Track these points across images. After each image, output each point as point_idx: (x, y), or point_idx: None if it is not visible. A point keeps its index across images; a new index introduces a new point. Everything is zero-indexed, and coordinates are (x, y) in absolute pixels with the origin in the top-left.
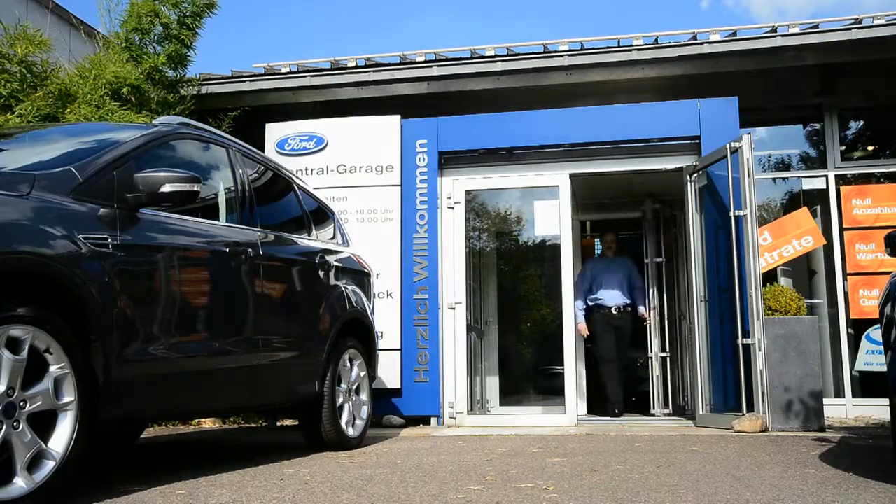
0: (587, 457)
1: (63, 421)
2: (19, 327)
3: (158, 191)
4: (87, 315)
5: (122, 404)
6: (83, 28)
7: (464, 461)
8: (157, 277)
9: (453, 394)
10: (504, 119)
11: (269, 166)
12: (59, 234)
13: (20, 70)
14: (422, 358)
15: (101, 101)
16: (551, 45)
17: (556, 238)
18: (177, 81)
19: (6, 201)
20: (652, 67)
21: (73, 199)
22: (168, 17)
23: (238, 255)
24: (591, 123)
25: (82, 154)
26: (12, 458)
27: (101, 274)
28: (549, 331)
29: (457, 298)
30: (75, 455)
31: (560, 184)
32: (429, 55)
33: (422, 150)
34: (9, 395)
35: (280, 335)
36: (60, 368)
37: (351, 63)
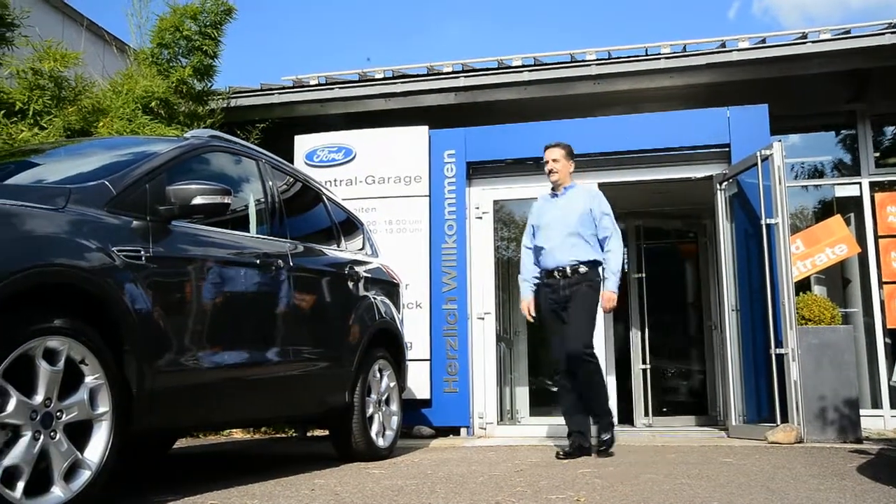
0: (617, 467)
1: (98, 431)
2: (56, 338)
3: (190, 203)
4: (121, 326)
5: (155, 415)
6: (115, 44)
7: (494, 472)
8: (189, 289)
9: (483, 404)
10: (532, 129)
11: (299, 178)
12: (93, 246)
13: (52, 86)
14: (451, 368)
15: (132, 114)
16: (578, 55)
17: None
18: (204, 93)
19: (43, 215)
20: (680, 75)
21: (107, 212)
22: (189, 29)
23: (268, 266)
24: (620, 132)
25: (116, 168)
26: (50, 467)
27: (135, 286)
28: None
29: (486, 308)
30: (110, 465)
31: None
32: (456, 66)
33: (450, 160)
34: (46, 406)
35: (310, 346)
36: (95, 379)
37: (379, 74)
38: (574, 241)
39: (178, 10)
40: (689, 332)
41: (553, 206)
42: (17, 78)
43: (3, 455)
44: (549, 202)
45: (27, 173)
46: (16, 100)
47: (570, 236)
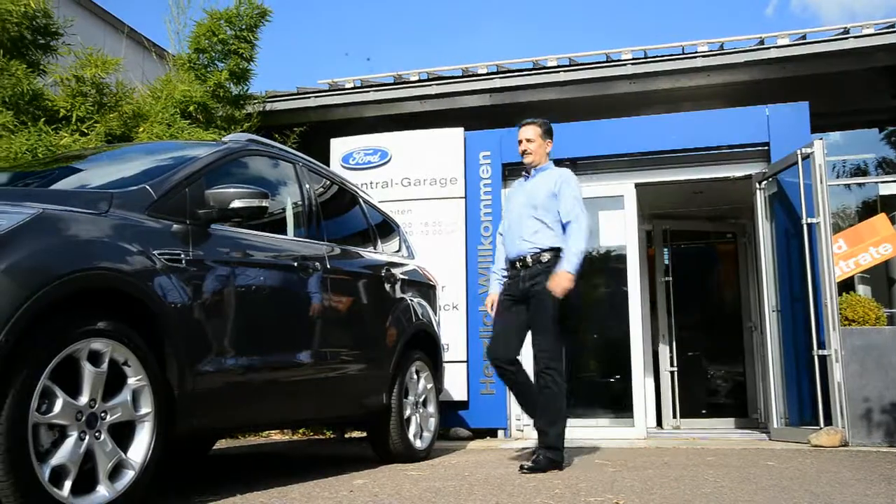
0: (657, 470)
1: (141, 432)
2: (100, 341)
3: (228, 206)
4: (162, 329)
5: (196, 416)
6: (155, 50)
7: (531, 475)
8: (228, 291)
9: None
10: (567, 129)
11: (335, 181)
12: (135, 250)
13: (94, 92)
14: (488, 370)
15: (171, 119)
16: (614, 54)
17: (622, 248)
18: (241, 97)
19: (87, 219)
20: (717, 74)
21: (149, 216)
22: (225, 33)
23: (306, 268)
24: (657, 132)
25: (156, 172)
26: (95, 467)
27: (175, 288)
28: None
29: None
30: (152, 465)
31: (625, 193)
32: (491, 67)
33: (485, 161)
34: (91, 407)
35: (347, 348)
36: (138, 381)
37: (414, 77)
38: (536, 227)
39: (215, 15)
40: (728, 333)
41: (521, 190)
42: (60, 86)
43: (51, 455)
44: (520, 186)
45: (71, 179)
46: (59, 107)
47: (531, 220)
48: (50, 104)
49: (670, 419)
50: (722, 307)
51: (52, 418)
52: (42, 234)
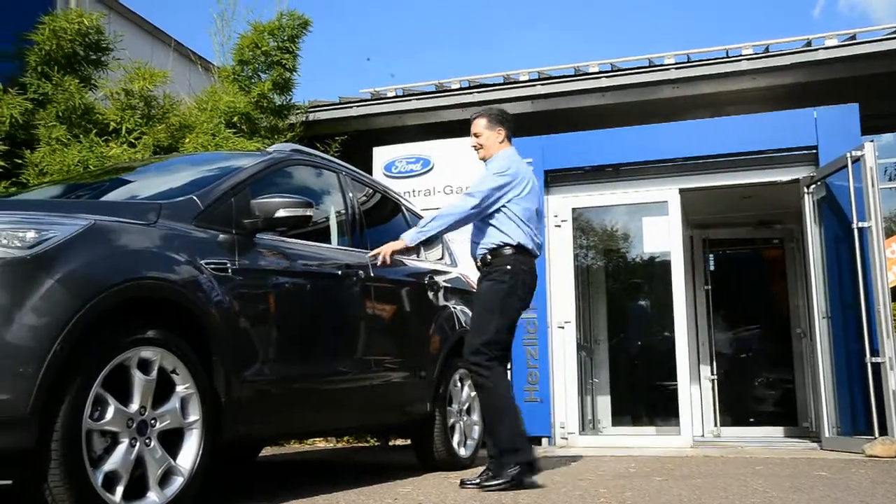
0: (705, 479)
1: (189, 439)
2: (149, 349)
3: (273, 216)
4: (209, 337)
5: (243, 423)
6: (200, 62)
7: (578, 483)
8: (274, 300)
9: (564, 413)
10: (610, 135)
11: (378, 189)
12: (183, 260)
13: (142, 105)
14: (531, 377)
15: (216, 129)
16: (657, 59)
17: (666, 254)
18: (284, 107)
19: (136, 230)
20: (763, 77)
21: (195, 227)
22: (268, 44)
23: (350, 277)
24: (701, 137)
25: (203, 183)
26: (145, 473)
27: (222, 297)
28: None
29: (566, 317)
30: (201, 472)
31: (669, 199)
32: (532, 74)
33: None
34: (141, 414)
35: (391, 356)
36: (186, 388)
37: (455, 85)
38: (478, 225)
39: (258, 27)
40: (776, 340)
41: None
42: (110, 99)
43: (104, 461)
44: None
45: (121, 190)
46: (109, 120)
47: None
48: (101, 117)
49: (711, 427)
50: (769, 314)
51: (104, 425)
52: (94, 244)
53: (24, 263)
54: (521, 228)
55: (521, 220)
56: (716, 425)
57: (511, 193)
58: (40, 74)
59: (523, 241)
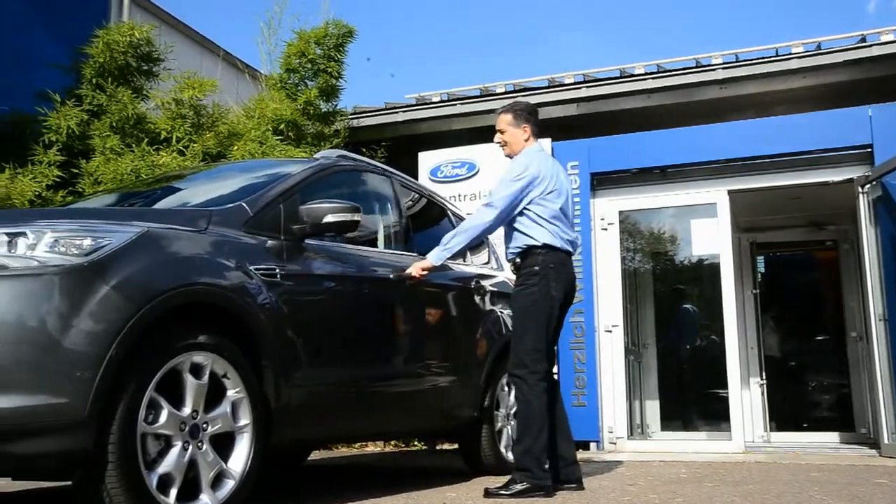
0: (758, 485)
1: (240, 443)
2: (201, 354)
3: (321, 221)
4: (259, 342)
5: (292, 427)
6: (248, 71)
7: (626, 488)
8: (322, 305)
9: (612, 418)
10: (657, 137)
11: (424, 194)
12: (232, 266)
13: (192, 114)
14: (579, 382)
15: (263, 137)
16: (704, 59)
17: (715, 257)
18: (330, 114)
19: (187, 236)
20: (813, 75)
21: (245, 233)
22: (314, 52)
23: (398, 281)
24: (750, 137)
25: (252, 189)
26: (198, 476)
27: (271, 303)
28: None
29: (613, 321)
30: (252, 475)
31: (718, 201)
32: (577, 76)
33: (573, 172)
34: (193, 418)
35: (439, 360)
36: (237, 393)
37: (500, 89)
38: (506, 229)
39: (304, 36)
40: (830, 343)
41: None
42: (161, 109)
43: (158, 463)
44: None
45: (172, 197)
46: (161, 129)
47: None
48: (152, 127)
49: (760, 432)
50: (822, 317)
51: (158, 428)
52: (147, 251)
53: (82, 270)
54: (546, 228)
55: (545, 219)
56: (766, 430)
57: (532, 194)
58: (95, 86)
59: (549, 241)
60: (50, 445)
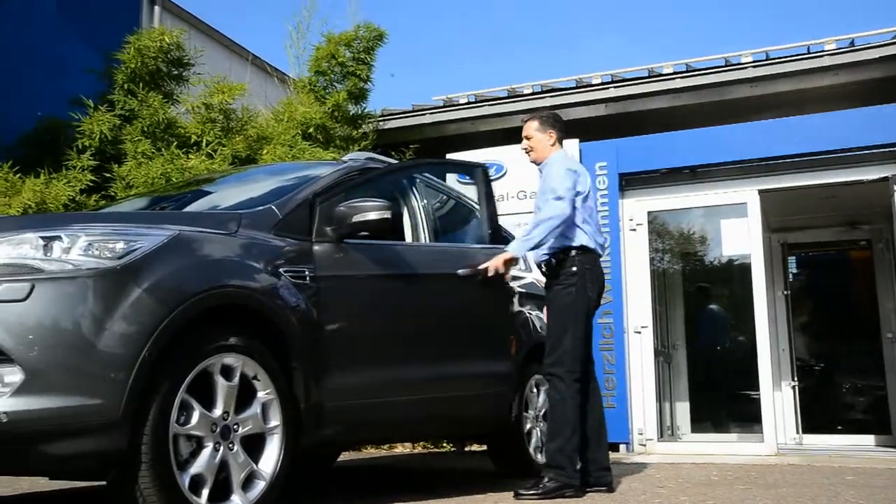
0: (791, 489)
1: (270, 444)
2: (231, 356)
3: (350, 221)
4: (289, 344)
5: (322, 429)
6: (276, 75)
7: (656, 490)
8: (352, 306)
9: (642, 420)
10: (686, 137)
11: (452, 195)
12: (262, 268)
13: (221, 118)
14: (608, 383)
15: (292, 140)
16: (733, 58)
17: (746, 257)
18: (358, 116)
19: (218, 239)
20: (846, 73)
21: (275, 235)
22: (343, 55)
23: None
24: (781, 136)
25: (281, 192)
26: (229, 477)
27: (301, 304)
28: (742, 353)
29: (642, 322)
30: (282, 476)
31: (748, 200)
32: (605, 77)
33: (601, 172)
34: (224, 419)
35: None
36: (267, 394)
37: (527, 90)
38: None
39: (334, 39)
40: (865, 345)
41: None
42: (191, 113)
43: (190, 464)
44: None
45: (203, 201)
46: (191, 133)
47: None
48: (182, 131)
49: (792, 435)
50: (856, 317)
51: (190, 429)
52: (178, 254)
53: (115, 273)
54: (583, 229)
55: (581, 220)
56: (798, 433)
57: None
58: (127, 91)
59: (586, 242)
60: (85, 446)
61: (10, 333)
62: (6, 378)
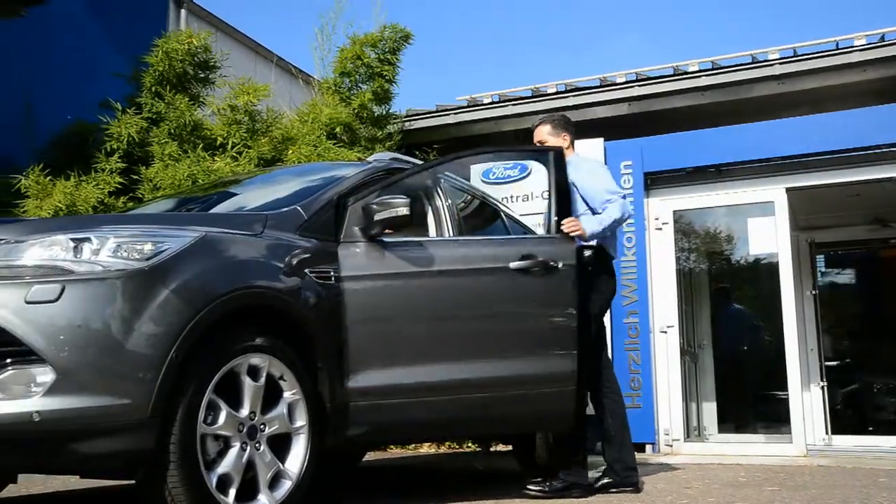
0: (822, 491)
1: (296, 444)
2: (258, 356)
3: (373, 219)
4: (314, 344)
5: (348, 429)
6: (301, 76)
7: (684, 491)
8: (379, 306)
9: (668, 420)
10: (712, 135)
11: (476, 195)
12: (287, 269)
13: (247, 119)
14: (634, 383)
15: (317, 141)
16: (760, 55)
17: (773, 256)
18: (382, 117)
19: (244, 240)
20: (876, 68)
21: (300, 236)
22: (369, 56)
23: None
24: (809, 133)
25: (306, 193)
26: (256, 476)
27: (326, 304)
28: (770, 353)
29: (668, 322)
30: (308, 476)
31: (775, 199)
32: (629, 75)
33: (626, 171)
34: (251, 419)
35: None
36: (293, 394)
37: (551, 89)
38: None
39: (359, 40)
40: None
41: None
42: (217, 115)
43: (217, 464)
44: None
45: (229, 202)
46: (217, 135)
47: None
48: (208, 133)
49: (821, 435)
50: (887, 316)
51: (217, 429)
52: (205, 255)
53: (143, 274)
54: None
55: None
56: (827, 434)
57: None
58: (154, 94)
59: (602, 243)
60: (115, 445)
61: (42, 334)
62: (38, 378)
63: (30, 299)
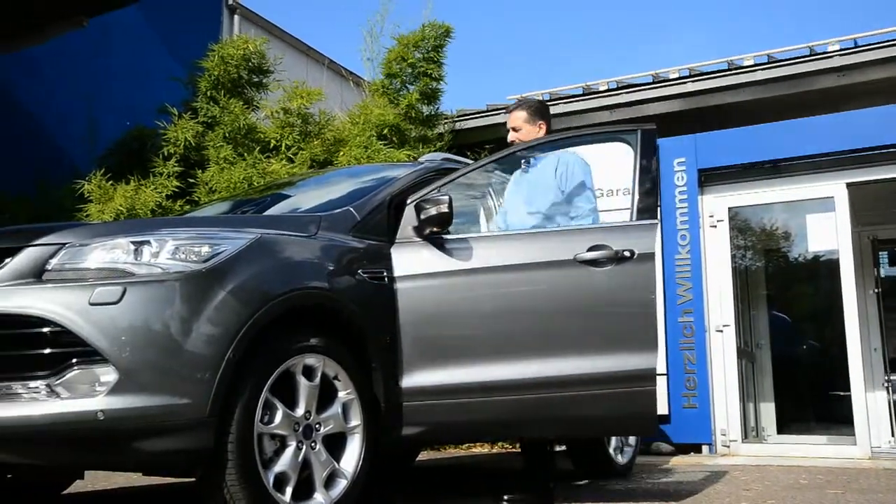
0: (889, 494)
1: (351, 443)
2: (312, 356)
3: (422, 218)
4: (368, 345)
5: (402, 428)
6: (352, 78)
7: (743, 493)
8: (432, 305)
9: (725, 421)
10: (768, 130)
11: None
12: (341, 269)
13: (300, 122)
14: (689, 383)
15: (368, 142)
16: (818, 47)
17: (833, 253)
18: (431, 116)
19: (298, 242)
20: None
21: (353, 237)
22: (413, 56)
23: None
24: (870, 126)
25: (359, 194)
26: (311, 475)
27: (379, 305)
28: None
29: (724, 320)
30: (363, 475)
31: (835, 195)
32: (683, 71)
33: (679, 168)
34: (307, 418)
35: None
36: (347, 394)
37: (603, 87)
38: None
39: (403, 41)
40: None
41: (519, 185)
42: (271, 118)
43: (274, 463)
44: (517, 179)
45: (283, 204)
46: (270, 138)
47: (531, 220)
48: (262, 136)
49: (887, 438)
50: None
51: (273, 429)
52: (260, 257)
53: (200, 276)
54: None
55: None
56: (893, 436)
57: None
58: (209, 99)
59: None
60: (174, 443)
61: (104, 335)
62: (102, 378)
63: (93, 301)
